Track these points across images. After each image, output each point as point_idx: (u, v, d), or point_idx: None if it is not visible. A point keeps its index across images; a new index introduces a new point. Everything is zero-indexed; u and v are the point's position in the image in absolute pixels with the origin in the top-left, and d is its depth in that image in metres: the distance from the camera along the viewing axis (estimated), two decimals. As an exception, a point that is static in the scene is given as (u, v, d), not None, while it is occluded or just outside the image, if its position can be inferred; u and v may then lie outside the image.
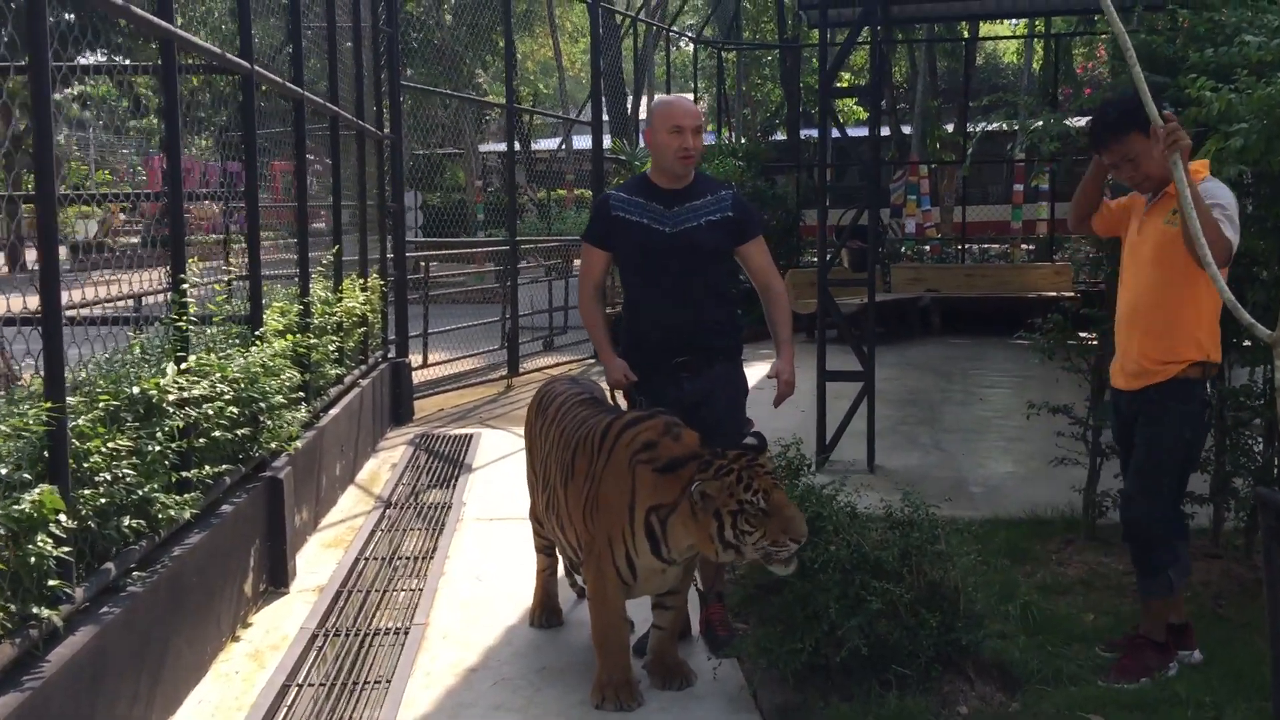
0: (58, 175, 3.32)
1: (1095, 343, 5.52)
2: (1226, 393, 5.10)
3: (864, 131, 13.50)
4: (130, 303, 5.12)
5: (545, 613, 4.79)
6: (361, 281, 7.93)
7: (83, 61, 4.36)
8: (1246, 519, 5.10)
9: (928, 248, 17.55)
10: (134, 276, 4.74)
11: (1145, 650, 4.08)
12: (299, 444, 5.51)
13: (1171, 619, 4.14)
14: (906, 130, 24.04)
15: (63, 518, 3.10)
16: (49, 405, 3.16)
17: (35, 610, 3.03)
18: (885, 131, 20.75)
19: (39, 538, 3.01)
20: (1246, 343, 4.79)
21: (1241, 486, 5.08)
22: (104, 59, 5.52)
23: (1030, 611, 4.48)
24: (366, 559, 5.70)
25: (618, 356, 4.39)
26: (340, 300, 7.11)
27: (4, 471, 3.01)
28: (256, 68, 5.34)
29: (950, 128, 24.06)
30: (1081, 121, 5.74)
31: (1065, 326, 5.55)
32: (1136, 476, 4.14)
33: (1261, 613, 4.41)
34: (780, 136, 24.20)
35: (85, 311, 4.53)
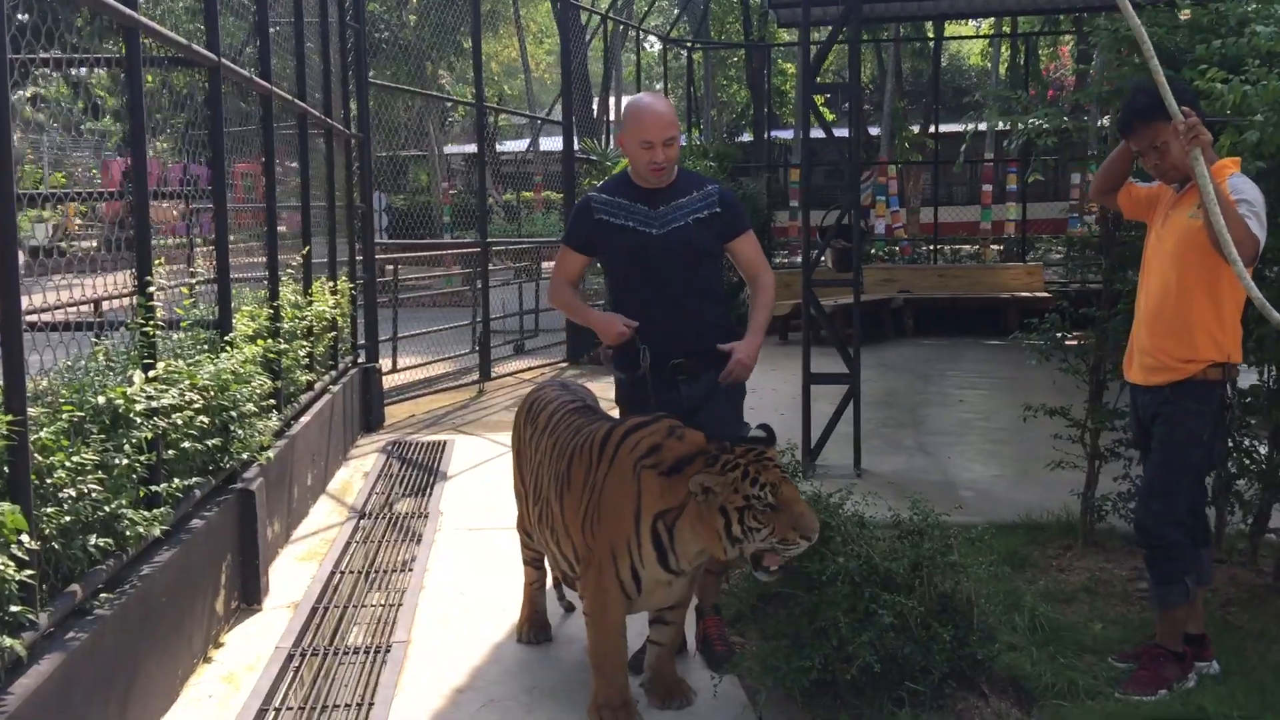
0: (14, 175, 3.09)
1: (1093, 343, 5.39)
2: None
3: (835, 133, 13.36)
4: (90, 308, 4.89)
5: (534, 628, 4.59)
6: (331, 285, 7.70)
7: (43, 55, 4.11)
8: (1252, 523, 4.98)
9: (899, 248, 17.50)
10: (92, 280, 4.50)
11: (1162, 661, 3.94)
12: (270, 454, 5.28)
13: (1189, 629, 4.00)
14: (874, 131, 24.03)
15: (25, 538, 2.87)
16: (9, 417, 2.93)
17: (-4, 639, 2.81)
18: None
19: (0, 560, 2.79)
20: (1251, 341, 4.68)
21: (1245, 489, 4.97)
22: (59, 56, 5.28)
23: (1038, 622, 4.34)
24: (342, 573, 5.47)
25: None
26: (310, 304, 6.87)
27: (-40, 490, 2.78)
28: (224, 61, 5.11)
29: (916, 129, 24.07)
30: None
31: (1062, 327, 5.42)
32: (1151, 478, 4.00)
33: (1275, 620, 4.31)
34: (747, 137, 24.13)
35: (45, 317, 4.28)
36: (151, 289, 4.15)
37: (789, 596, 3.78)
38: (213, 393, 4.52)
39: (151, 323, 4.12)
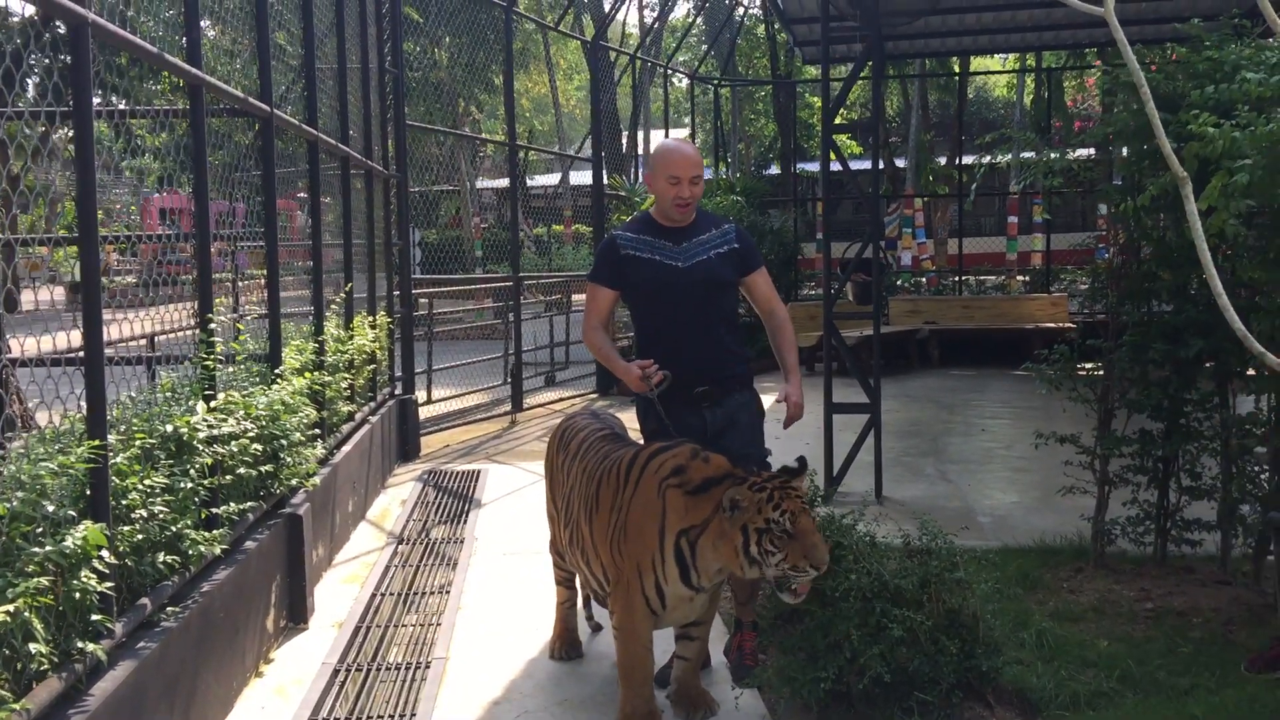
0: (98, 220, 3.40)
1: (1101, 373, 5.61)
2: (1231, 420, 5.20)
3: (859, 165, 13.64)
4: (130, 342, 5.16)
5: (565, 645, 4.84)
6: (370, 319, 8.01)
7: (112, 108, 4.45)
8: (1254, 545, 5.18)
9: (924, 280, 17.71)
10: (138, 315, 4.76)
11: None
12: (316, 480, 5.57)
13: None
14: (900, 164, 24.25)
15: (105, 554, 3.16)
16: (93, 443, 3.23)
17: (80, 644, 3.09)
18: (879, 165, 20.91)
19: (83, 573, 3.07)
20: (1250, 371, 4.90)
21: (1248, 513, 5.16)
22: (100, 101, 5.55)
23: (1045, 638, 4.56)
24: (383, 594, 5.74)
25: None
26: (351, 338, 7.19)
27: (51, 509, 3.07)
28: (276, 111, 5.44)
29: (943, 160, 24.28)
30: (1083, 153, 5.88)
31: (1071, 358, 5.64)
32: None
33: (1271, 637, 4.50)
34: (774, 171, 24.42)
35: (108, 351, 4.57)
36: (212, 325, 4.45)
37: (805, 612, 4.02)
38: (265, 422, 4.82)
39: (212, 356, 4.43)
